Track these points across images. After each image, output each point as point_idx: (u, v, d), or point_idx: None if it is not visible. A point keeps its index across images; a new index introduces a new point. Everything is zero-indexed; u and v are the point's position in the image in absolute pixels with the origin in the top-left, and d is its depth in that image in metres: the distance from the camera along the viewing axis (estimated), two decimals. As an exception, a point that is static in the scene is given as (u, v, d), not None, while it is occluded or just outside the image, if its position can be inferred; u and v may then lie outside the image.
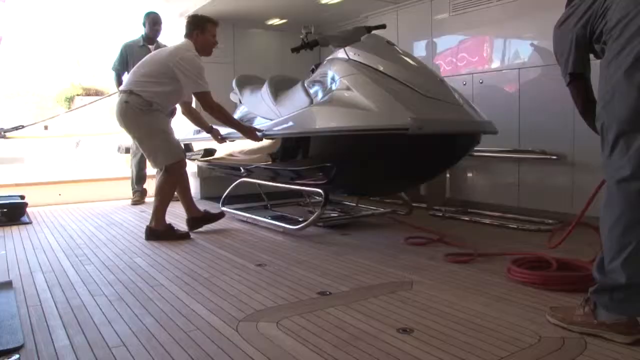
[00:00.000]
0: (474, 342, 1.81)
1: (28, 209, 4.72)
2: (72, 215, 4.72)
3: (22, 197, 4.74)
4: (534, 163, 3.98)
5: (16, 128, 14.09)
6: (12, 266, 3.04)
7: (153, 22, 5.26)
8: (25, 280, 2.73)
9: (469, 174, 4.56)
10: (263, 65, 5.65)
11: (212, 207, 4.64)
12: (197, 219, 3.91)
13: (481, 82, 4.36)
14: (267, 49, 6.13)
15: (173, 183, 3.72)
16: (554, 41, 2.07)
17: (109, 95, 5.80)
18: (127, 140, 5.10)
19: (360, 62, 3.28)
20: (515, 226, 3.79)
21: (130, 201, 5.51)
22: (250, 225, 4.15)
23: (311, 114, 3.38)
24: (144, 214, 4.75)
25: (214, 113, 3.70)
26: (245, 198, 4.87)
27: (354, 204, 4.44)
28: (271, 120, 3.85)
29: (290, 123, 3.55)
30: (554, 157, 3.79)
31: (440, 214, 4.33)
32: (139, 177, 5.56)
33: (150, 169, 5.52)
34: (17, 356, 1.78)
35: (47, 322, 2.11)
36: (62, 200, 5.60)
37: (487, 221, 4.02)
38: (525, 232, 3.64)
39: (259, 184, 4.63)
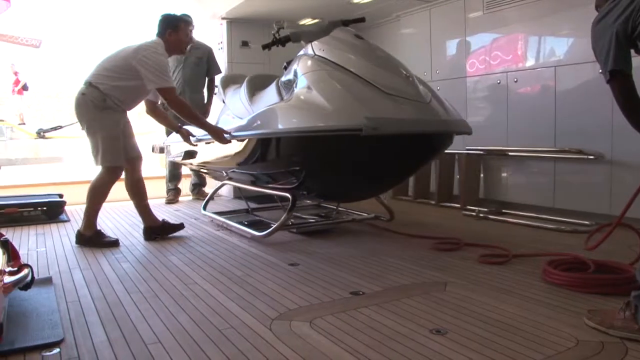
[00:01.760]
0: (509, 344, 1.78)
1: (66, 207, 4.84)
2: (108, 214, 4.82)
3: (61, 196, 4.86)
4: (571, 163, 3.89)
5: (55, 128, 14.49)
6: (51, 263, 3.12)
7: None
8: (64, 277, 2.80)
9: (503, 174, 4.49)
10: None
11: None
12: (154, 229, 3.77)
13: (516, 81, 4.29)
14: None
15: (107, 184, 3.58)
16: (593, 38, 2.03)
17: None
18: (161, 140, 5.18)
19: (325, 58, 3.11)
20: (551, 227, 3.71)
21: (164, 200, 5.59)
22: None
23: (273, 114, 3.23)
24: (178, 213, 4.82)
25: (178, 109, 3.65)
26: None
27: (334, 207, 4.29)
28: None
29: (255, 124, 3.41)
30: (591, 157, 3.70)
31: (474, 214, 4.28)
32: (173, 176, 5.64)
33: (185, 169, 5.59)
34: (57, 350, 1.83)
35: (85, 318, 2.16)
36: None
37: (522, 222, 3.95)
38: (561, 234, 3.57)
39: (239, 188, 4.50)
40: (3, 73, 17.12)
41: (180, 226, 3.88)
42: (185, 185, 5.82)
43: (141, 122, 4.12)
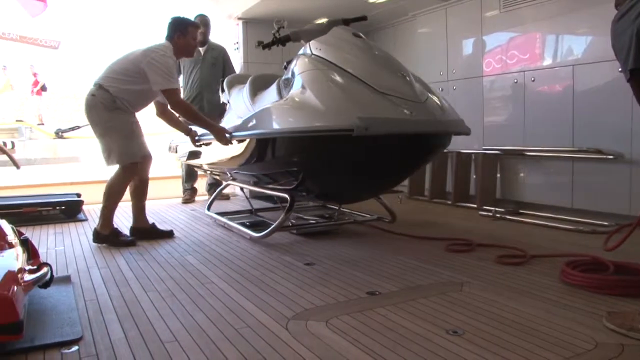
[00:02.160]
0: (527, 345, 1.76)
1: (84, 207, 4.89)
2: (125, 213, 4.84)
3: (79, 195, 4.91)
4: (589, 162, 3.84)
5: (73, 129, 14.61)
6: (70, 261, 3.15)
7: (201, 24, 5.35)
8: (82, 275, 2.83)
9: (520, 174, 4.45)
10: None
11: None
12: (141, 230, 3.80)
13: (533, 80, 4.25)
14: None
15: (123, 182, 3.63)
16: (612, 36, 2.00)
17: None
18: (178, 139, 5.21)
19: (321, 57, 3.07)
20: (569, 228, 3.67)
21: (180, 200, 5.63)
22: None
23: (267, 115, 3.19)
24: (195, 213, 4.85)
25: (181, 111, 3.70)
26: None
27: (336, 208, 4.22)
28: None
29: (250, 124, 3.40)
30: (611, 157, 3.65)
31: (491, 215, 4.25)
32: (190, 177, 5.67)
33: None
34: (76, 347, 1.86)
35: (103, 316, 2.18)
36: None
37: (540, 222, 3.92)
38: (579, 234, 3.53)
39: (241, 188, 4.51)
40: (22, 74, 17.35)
41: (169, 233, 3.86)
42: (201, 185, 5.85)
43: (158, 122, 4.13)
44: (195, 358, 1.76)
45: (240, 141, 3.58)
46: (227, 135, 3.63)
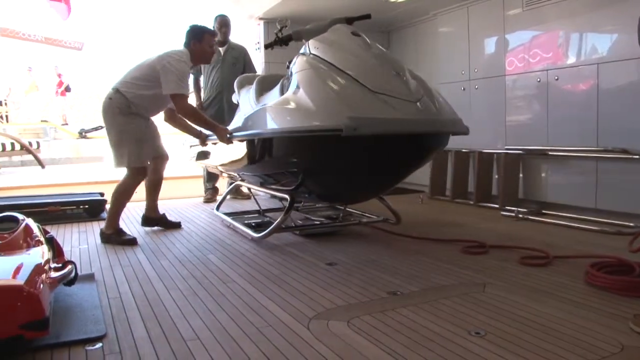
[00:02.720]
0: (550, 347, 1.74)
1: (107, 206, 4.94)
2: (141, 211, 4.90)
3: (102, 194, 4.97)
4: (614, 162, 3.77)
5: (96, 129, 14.80)
6: (93, 259, 3.20)
7: (220, 24, 5.39)
8: (105, 273, 2.86)
9: (543, 174, 4.40)
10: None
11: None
12: (150, 218, 4.10)
13: (557, 79, 4.20)
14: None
15: (132, 185, 3.72)
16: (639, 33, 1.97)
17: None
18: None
19: (318, 56, 3.03)
20: (594, 228, 3.62)
21: (202, 199, 5.67)
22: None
23: (263, 115, 3.19)
24: (216, 212, 4.87)
25: (187, 115, 3.76)
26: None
27: (342, 208, 4.17)
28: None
29: (249, 124, 3.40)
30: (637, 157, 3.58)
31: (513, 215, 4.20)
32: (211, 176, 5.71)
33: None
34: (100, 344, 1.88)
35: (126, 314, 2.21)
36: (138, 197, 5.81)
37: (563, 223, 3.87)
38: (604, 235, 3.48)
39: (249, 188, 4.53)
40: (47, 75, 17.65)
41: (177, 224, 4.17)
42: (222, 184, 5.88)
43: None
44: (217, 356, 1.77)
45: (241, 141, 3.62)
46: (228, 135, 3.68)
